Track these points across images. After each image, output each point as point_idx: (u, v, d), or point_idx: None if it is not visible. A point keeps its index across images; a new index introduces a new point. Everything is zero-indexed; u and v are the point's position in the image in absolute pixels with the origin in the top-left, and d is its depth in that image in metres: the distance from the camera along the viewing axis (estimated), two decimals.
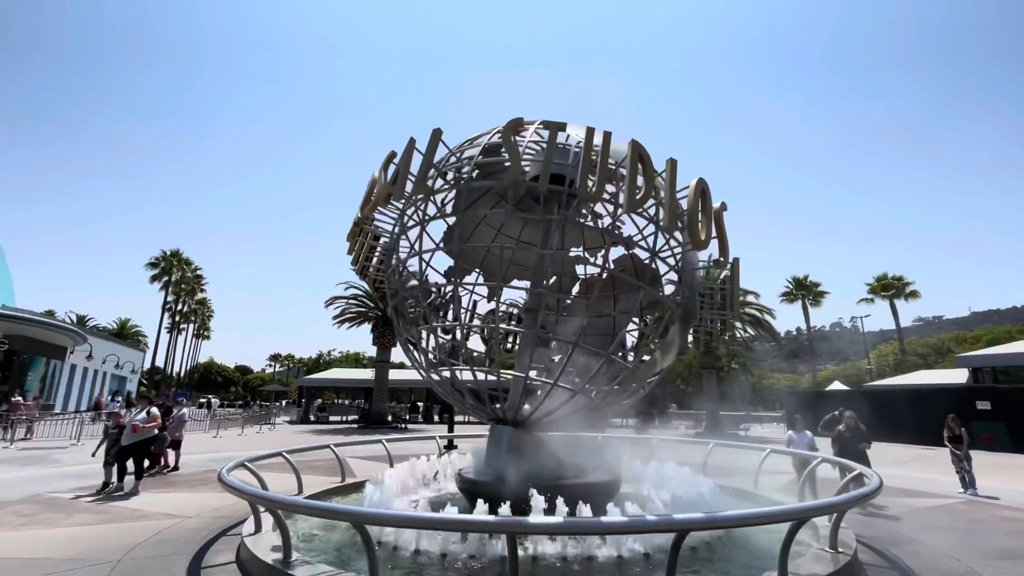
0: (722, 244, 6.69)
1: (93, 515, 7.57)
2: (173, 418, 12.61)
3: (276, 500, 4.77)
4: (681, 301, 7.45)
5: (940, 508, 8.91)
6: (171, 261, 46.47)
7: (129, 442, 9.08)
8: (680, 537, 3.84)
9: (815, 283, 42.57)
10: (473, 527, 4.27)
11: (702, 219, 6.00)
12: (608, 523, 4.16)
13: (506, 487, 6.26)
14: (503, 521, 3.84)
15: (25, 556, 5.59)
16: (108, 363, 44.63)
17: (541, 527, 4.01)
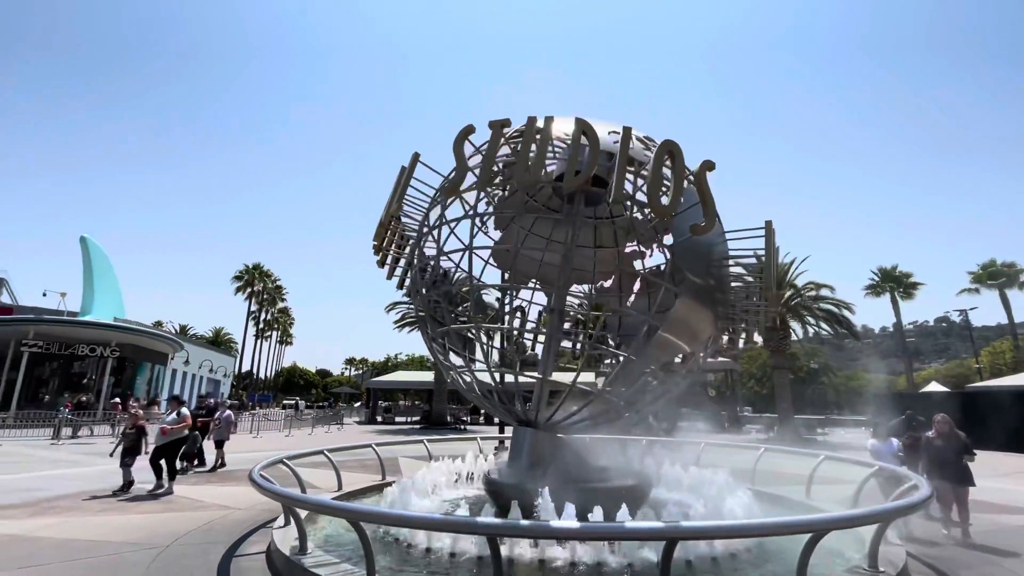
0: (705, 207, 5.73)
1: (161, 504, 8.41)
2: (220, 419, 12.94)
3: (281, 495, 5.06)
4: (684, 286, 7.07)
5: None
6: (253, 274, 50.64)
7: (160, 443, 9.41)
8: (670, 545, 3.63)
9: (906, 273, 38.50)
10: (453, 527, 4.28)
11: (671, 184, 5.58)
12: (587, 528, 4.00)
13: (524, 489, 6.21)
14: (480, 522, 3.82)
15: (96, 539, 6.30)
16: (203, 368, 49.30)
17: (517, 529, 3.95)
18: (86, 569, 5.21)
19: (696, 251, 6.50)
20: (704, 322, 6.62)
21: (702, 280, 6.43)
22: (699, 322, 6.57)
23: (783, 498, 7.95)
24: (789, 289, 26.37)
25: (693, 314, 6.41)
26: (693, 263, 6.38)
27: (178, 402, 10.47)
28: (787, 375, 26.61)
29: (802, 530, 3.81)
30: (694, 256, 6.44)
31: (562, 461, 6.89)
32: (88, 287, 32.78)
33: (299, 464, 9.40)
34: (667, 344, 6.63)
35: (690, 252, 6.41)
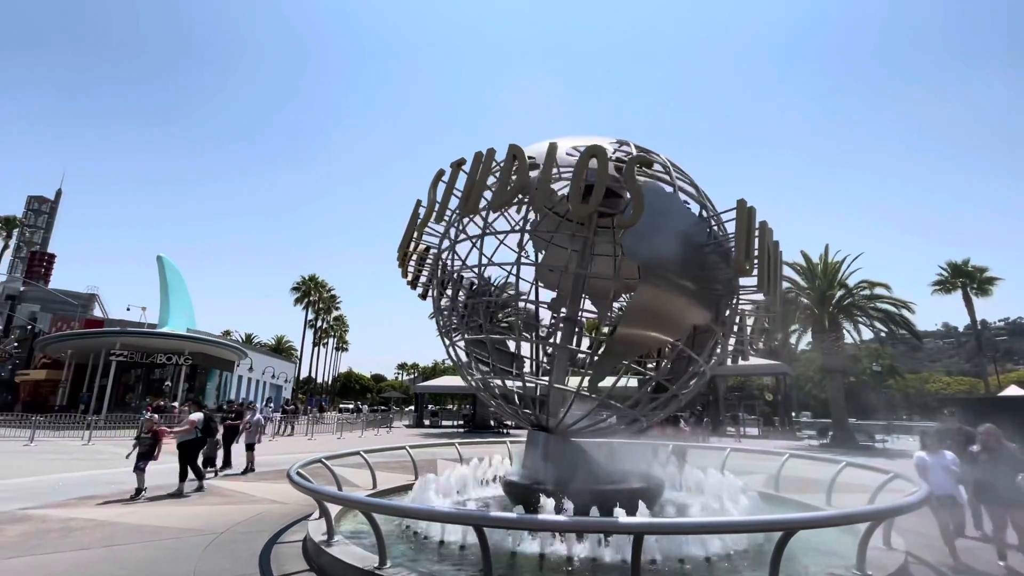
0: (634, 200, 5.69)
1: (220, 497, 9.46)
2: (250, 422, 13.09)
3: (308, 488, 5.77)
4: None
5: None
6: (309, 285, 53.74)
7: (177, 444, 10.01)
8: (638, 540, 3.96)
9: (980, 268, 35.58)
10: (445, 518, 4.78)
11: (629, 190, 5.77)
12: (561, 522, 4.39)
13: (536, 489, 6.63)
14: (468, 514, 4.29)
15: (164, 525, 7.30)
16: (266, 374, 52.66)
17: (501, 521, 4.39)
18: (153, 549, 6.13)
19: (653, 242, 6.39)
20: (674, 314, 6.43)
21: (661, 271, 6.30)
22: (667, 314, 6.44)
23: (799, 504, 7.93)
24: (840, 289, 25.22)
25: (657, 305, 6.35)
26: (648, 255, 6.29)
27: (196, 405, 11.00)
28: (841, 378, 25.38)
29: (770, 528, 4.02)
30: (649, 247, 6.35)
31: (573, 464, 7.25)
32: (164, 301, 36.08)
33: (344, 465, 10.29)
34: (630, 338, 6.58)
35: (643, 244, 6.30)
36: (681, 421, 15.74)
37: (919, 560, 6.14)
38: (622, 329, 6.44)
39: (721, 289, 6.76)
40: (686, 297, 6.28)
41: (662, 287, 6.19)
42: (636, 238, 6.04)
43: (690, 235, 6.53)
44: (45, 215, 79.35)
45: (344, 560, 5.07)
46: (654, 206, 6.00)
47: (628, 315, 6.66)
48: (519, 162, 6.08)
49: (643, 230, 5.90)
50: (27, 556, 5.73)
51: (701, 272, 6.43)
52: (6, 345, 49.10)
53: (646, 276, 6.20)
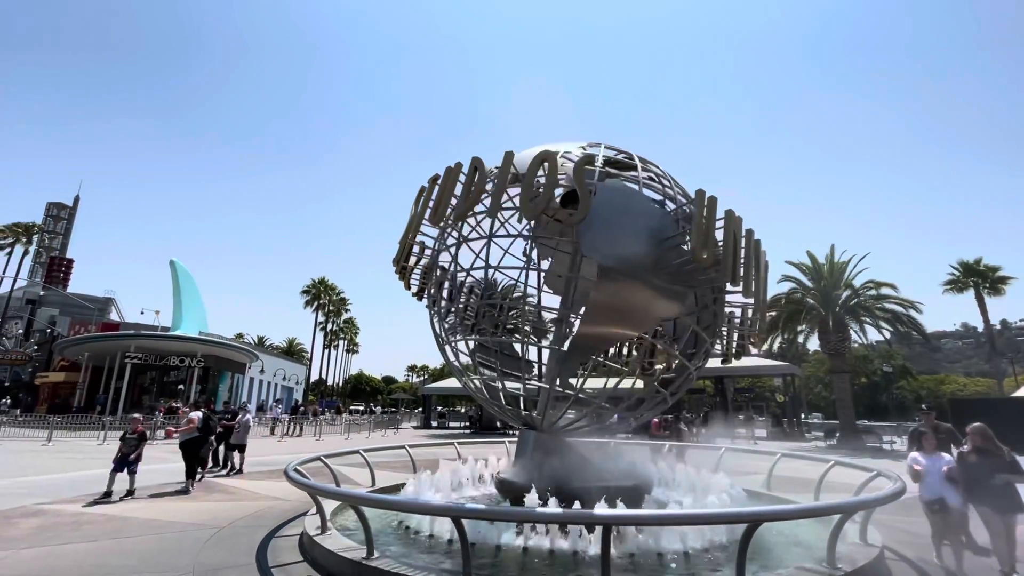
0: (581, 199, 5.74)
1: (225, 494, 9.80)
2: (239, 423, 12.95)
3: (299, 482, 6.04)
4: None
5: None
6: (319, 288, 54.45)
7: (179, 442, 10.51)
8: (607, 530, 4.16)
9: (992, 267, 35.07)
10: (423, 510, 5.02)
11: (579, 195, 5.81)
12: (533, 513, 4.60)
13: (525, 486, 6.84)
14: (445, 506, 4.52)
15: (170, 519, 7.64)
16: (277, 376, 53.39)
17: (475, 512, 4.61)
18: (158, 541, 6.45)
19: (612, 239, 6.41)
20: (637, 309, 6.44)
21: (620, 267, 6.32)
22: (629, 309, 6.46)
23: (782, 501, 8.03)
24: (846, 289, 25.08)
25: (618, 302, 6.39)
26: (606, 252, 6.32)
27: (195, 405, 11.36)
28: (848, 379, 25.21)
29: (734, 520, 4.19)
30: (607, 244, 6.37)
31: (561, 462, 7.45)
32: (177, 304, 36.88)
33: (347, 464, 10.61)
34: (593, 336, 6.60)
35: (601, 241, 6.34)
36: (681, 422, 15.84)
37: (901, 558, 6.26)
38: (583, 328, 6.54)
39: (692, 282, 6.73)
40: (649, 291, 6.29)
41: (622, 283, 6.22)
42: (595, 235, 6.15)
43: (654, 230, 6.51)
44: (64, 221, 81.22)
45: (335, 551, 5.33)
46: (614, 204, 6.13)
47: (588, 313, 6.74)
48: (479, 173, 6.32)
49: (602, 227, 6.01)
50: (40, 547, 6.07)
51: (665, 266, 6.41)
52: (26, 348, 50.43)
53: (604, 273, 6.26)
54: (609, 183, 6.92)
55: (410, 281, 9.24)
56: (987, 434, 5.96)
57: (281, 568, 5.53)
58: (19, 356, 49.51)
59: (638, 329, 6.70)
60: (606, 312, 6.44)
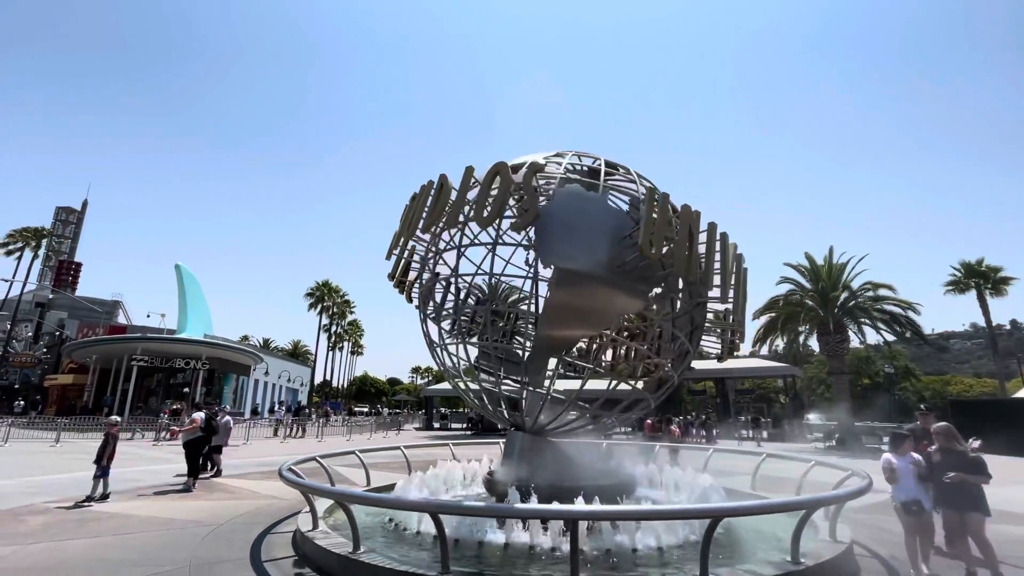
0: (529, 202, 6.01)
1: (226, 493, 10.12)
2: (217, 425, 12.73)
3: (294, 482, 6.31)
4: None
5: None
6: (323, 290, 54.93)
7: (182, 443, 10.85)
8: (574, 524, 4.41)
9: (994, 268, 34.99)
10: (403, 506, 5.28)
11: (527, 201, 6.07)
12: (505, 508, 4.85)
13: (511, 485, 7.09)
14: (424, 502, 4.77)
15: (170, 517, 7.95)
16: (282, 378, 53.90)
17: (450, 508, 4.87)
18: (158, 537, 6.76)
19: (567, 241, 6.57)
20: (595, 308, 6.55)
21: (576, 269, 6.45)
22: (586, 309, 6.58)
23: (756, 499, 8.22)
24: (844, 291, 25.15)
25: (575, 303, 6.52)
26: (559, 254, 6.49)
27: (196, 407, 11.56)
28: (847, 381, 25.27)
29: (696, 516, 4.42)
30: (561, 247, 6.53)
31: (546, 462, 7.69)
32: (182, 308, 37.40)
33: (346, 465, 10.90)
34: (554, 339, 6.77)
35: (556, 244, 6.51)
36: (674, 423, 16.03)
37: (873, 555, 6.46)
38: (541, 331, 6.75)
39: (652, 279, 6.85)
40: (606, 289, 6.46)
41: (578, 283, 6.40)
42: (551, 238, 6.37)
43: (611, 230, 6.62)
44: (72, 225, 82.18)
45: (324, 547, 5.60)
46: (571, 207, 6.36)
47: (545, 317, 6.92)
48: (444, 188, 6.62)
49: (558, 230, 6.21)
50: (45, 542, 6.39)
51: (621, 264, 6.51)
52: (35, 351, 51.20)
53: (559, 276, 6.44)
54: (568, 187, 7.13)
55: (411, 294, 9.45)
56: (950, 433, 6.03)
57: (273, 563, 5.80)
58: (28, 359, 50.31)
59: (598, 326, 6.90)
60: (564, 312, 6.65)
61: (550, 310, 6.89)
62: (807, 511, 5.04)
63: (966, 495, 5.67)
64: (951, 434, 6.03)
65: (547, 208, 6.83)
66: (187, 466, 10.61)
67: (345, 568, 5.21)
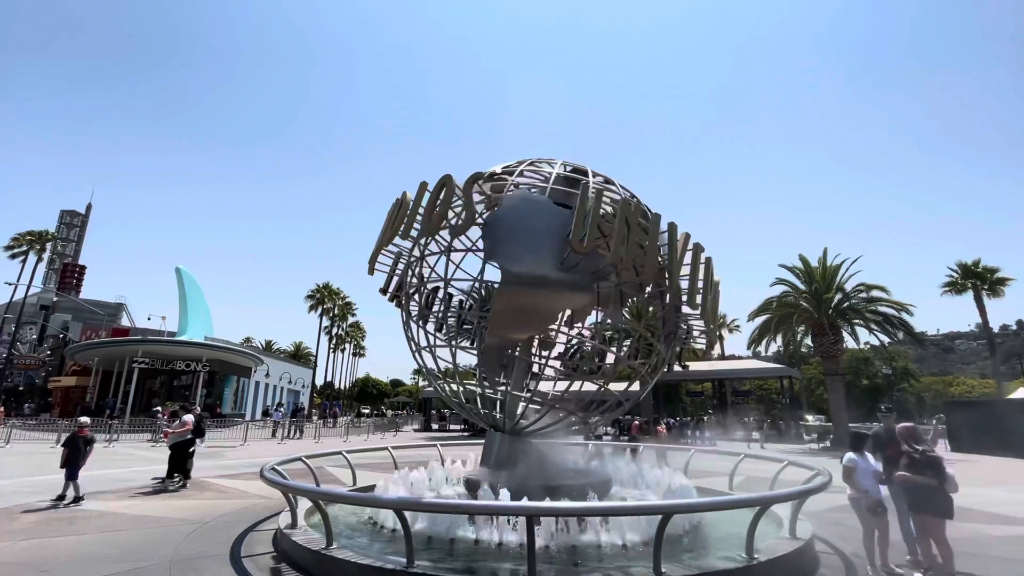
0: (467, 210, 6.38)
1: (216, 492, 10.37)
2: (204, 426, 13.38)
3: (271, 480, 6.53)
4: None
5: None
6: (323, 293, 55.29)
7: (169, 445, 11.02)
8: (530, 521, 4.61)
9: (991, 268, 34.95)
10: (371, 503, 5.50)
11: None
12: (464, 505, 5.06)
13: (489, 484, 7.30)
14: (388, 499, 4.99)
15: (159, 516, 8.20)
16: (283, 379, 54.23)
17: (417, 504, 5.08)
18: (144, 534, 7.00)
19: (511, 244, 6.78)
20: (539, 307, 6.76)
21: (520, 271, 6.66)
22: (531, 309, 6.78)
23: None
24: (837, 292, 25.24)
25: (519, 303, 6.72)
26: (505, 256, 6.70)
27: (184, 409, 11.79)
28: (841, 381, 25.35)
29: (648, 512, 4.62)
30: (507, 249, 6.73)
31: (521, 461, 7.90)
32: (183, 310, 37.78)
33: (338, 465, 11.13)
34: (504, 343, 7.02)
35: (500, 247, 6.72)
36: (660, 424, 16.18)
37: (836, 551, 6.64)
38: (490, 338, 7.01)
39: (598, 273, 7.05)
40: (550, 287, 6.70)
41: (521, 287, 6.65)
42: (495, 243, 6.66)
43: (557, 231, 6.77)
44: (76, 228, 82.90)
45: (299, 543, 5.82)
46: (518, 211, 6.61)
47: (492, 322, 7.16)
48: (403, 203, 6.89)
49: (503, 235, 6.49)
50: (35, 539, 6.64)
51: (563, 261, 6.73)
52: (39, 353, 51.73)
53: (503, 281, 6.67)
54: (517, 192, 7.37)
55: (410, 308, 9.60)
56: (911, 434, 5.95)
57: (251, 558, 6.03)
58: (33, 361, 50.81)
59: (545, 325, 7.17)
60: (509, 318, 6.90)
61: (497, 310, 7.12)
62: (760, 508, 5.23)
63: (926, 497, 5.60)
64: (910, 435, 5.97)
65: (495, 214, 7.13)
66: (172, 467, 10.78)
67: (318, 563, 5.43)
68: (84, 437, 9.56)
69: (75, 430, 9.68)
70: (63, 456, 9.22)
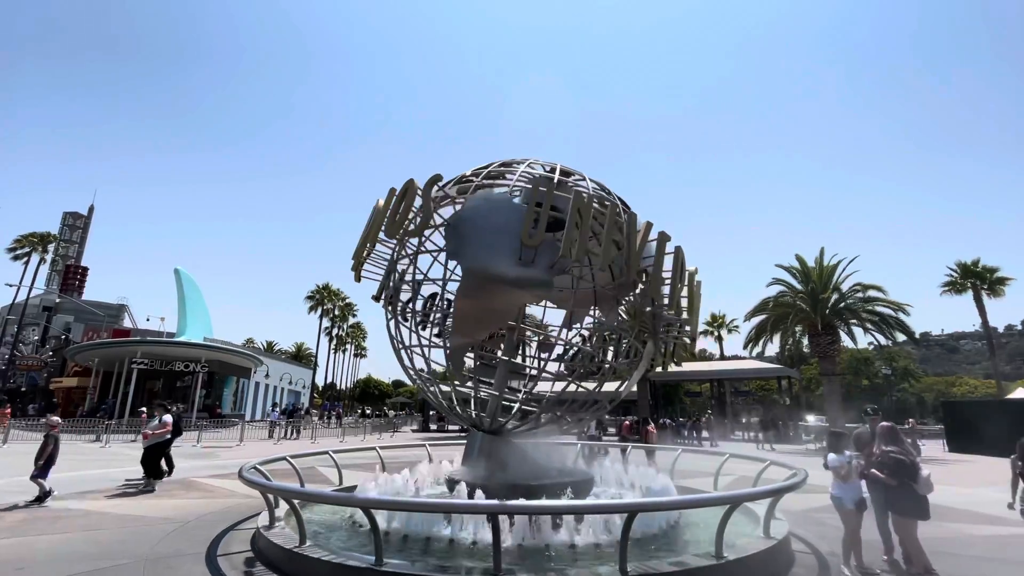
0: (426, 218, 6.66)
1: (202, 491, 10.43)
2: (182, 426, 13.13)
3: (247, 479, 6.57)
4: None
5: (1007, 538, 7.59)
6: (323, 294, 55.48)
7: (146, 446, 10.76)
8: (493, 519, 4.64)
9: (990, 268, 34.81)
10: (340, 502, 5.55)
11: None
12: (429, 503, 5.10)
13: (472, 483, 7.33)
14: (352, 497, 5.03)
15: (143, 515, 8.26)
16: (283, 380, 54.42)
17: (382, 503, 5.12)
18: (125, 533, 7.06)
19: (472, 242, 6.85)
20: (498, 305, 6.88)
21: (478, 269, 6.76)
22: (490, 309, 6.92)
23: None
24: (834, 292, 25.19)
25: (480, 304, 6.84)
26: (466, 254, 6.82)
27: (164, 408, 11.57)
28: (836, 382, 25.29)
29: (613, 511, 4.64)
30: (469, 248, 6.80)
31: (504, 461, 7.92)
32: (182, 311, 37.97)
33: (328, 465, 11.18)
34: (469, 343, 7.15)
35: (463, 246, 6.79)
36: (650, 424, 16.18)
37: (813, 551, 6.65)
38: (454, 338, 7.14)
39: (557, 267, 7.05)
40: (506, 284, 6.78)
41: (480, 284, 6.77)
42: (457, 243, 6.80)
43: (514, 228, 6.74)
44: (79, 230, 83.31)
45: (274, 541, 5.87)
46: (479, 210, 6.69)
47: (456, 321, 7.28)
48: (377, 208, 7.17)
49: (464, 234, 6.64)
50: (17, 538, 6.70)
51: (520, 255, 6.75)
52: (42, 354, 52.05)
53: (463, 279, 6.85)
54: (479, 193, 7.44)
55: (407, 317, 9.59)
56: (887, 434, 6.01)
57: (226, 556, 6.08)
58: (35, 362, 51.13)
59: (504, 319, 7.30)
60: (471, 319, 6.98)
61: (459, 309, 7.19)
62: (730, 507, 5.24)
63: (898, 497, 5.65)
64: (887, 435, 6.03)
65: (458, 214, 7.20)
66: (147, 468, 10.65)
67: (290, 561, 5.48)
68: (56, 436, 9.66)
69: (49, 428, 9.73)
70: (45, 454, 9.34)
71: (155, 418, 11.46)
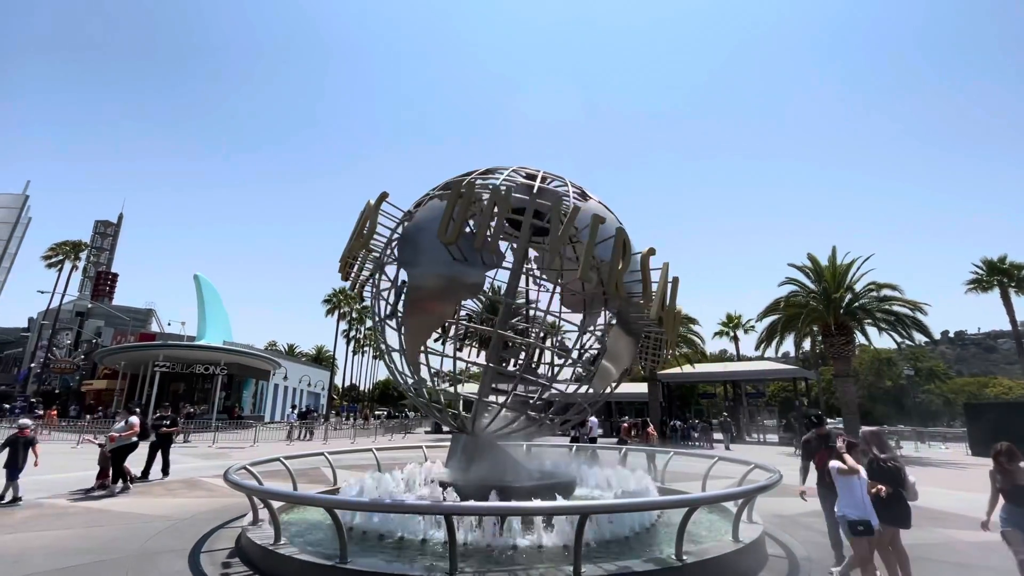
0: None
1: (203, 491, 10.82)
2: (148, 429, 12.96)
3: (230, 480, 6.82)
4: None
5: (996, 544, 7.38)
6: (339, 297, 56.40)
7: (110, 448, 10.54)
8: (448, 519, 4.78)
9: (1018, 265, 33.50)
10: (309, 502, 5.77)
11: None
12: (390, 504, 5.25)
13: (457, 485, 7.47)
14: (318, 498, 5.21)
15: (142, 513, 8.65)
16: (303, 382, 55.52)
17: (352, 504, 5.30)
18: (120, 530, 7.42)
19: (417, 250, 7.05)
20: (436, 304, 7.04)
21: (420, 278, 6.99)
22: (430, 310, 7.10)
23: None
24: (847, 292, 24.61)
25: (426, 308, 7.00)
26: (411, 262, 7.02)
27: (128, 411, 11.51)
28: (851, 384, 24.69)
29: (567, 512, 4.73)
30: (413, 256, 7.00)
31: (487, 463, 8.05)
32: (201, 316, 39.17)
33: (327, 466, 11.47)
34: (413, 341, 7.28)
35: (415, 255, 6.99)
36: (650, 426, 16.10)
37: (788, 555, 6.61)
38: (408, 342, 7.33)
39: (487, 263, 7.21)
40: (443, 283, 7.03)
41: (422, 288, 7.00)
42: (403, 252, 7.11)
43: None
44: (110, 237, 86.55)
45: (253, 540, 6.11)
46: (426, 219, 6.94)
47: (406, 324, 7.44)
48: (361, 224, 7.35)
49: (410, 243, 7.02)
50: (19, 533, 7.12)
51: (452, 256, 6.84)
52: (74, 358, 54.19)
53: (408, 286, 7.02)
54: (429, 203, 7.63)
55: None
56: (875, 440, 5.70)
57: (209, 553, 6.36)
58: (68, 365, 53.26)
59: (444, 318, 7.61)
60: (419, 313, 7.14)
61: (407, 314, 7.35)
62: (689, 509, 5.27)
63: (886, 505, 5.26)
64: (877, 441, 5.70)
65: (409, 225, 7.38)
66: (114, 471, 10.54)
67: (264, 558, 5.71)
68: (25, 439, 9.55)
69: (15, 432, 9.62)
70: (21, 456, 9.35)
71: (121, 420, 11.38)
